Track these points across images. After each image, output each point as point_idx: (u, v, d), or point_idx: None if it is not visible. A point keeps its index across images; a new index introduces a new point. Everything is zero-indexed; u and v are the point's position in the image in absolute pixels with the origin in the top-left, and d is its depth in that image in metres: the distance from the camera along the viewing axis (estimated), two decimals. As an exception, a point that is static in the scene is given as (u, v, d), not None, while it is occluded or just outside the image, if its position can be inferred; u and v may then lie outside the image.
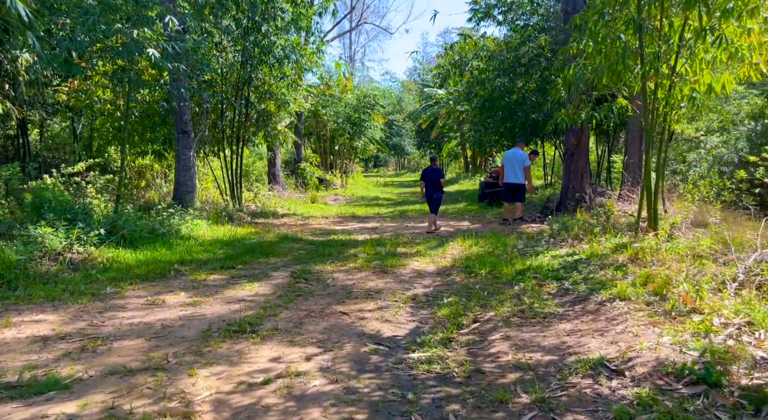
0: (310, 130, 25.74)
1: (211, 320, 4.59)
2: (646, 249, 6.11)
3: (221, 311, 4.89)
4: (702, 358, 3.26)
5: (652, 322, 4.01)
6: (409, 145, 45.12)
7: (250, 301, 5.28)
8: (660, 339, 3.65)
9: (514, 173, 10.98)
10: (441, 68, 19.20)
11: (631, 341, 3.74)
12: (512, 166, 11.00)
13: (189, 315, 4.75)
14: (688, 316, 4.00)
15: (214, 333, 4.24)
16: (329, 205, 17.09)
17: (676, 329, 3.79)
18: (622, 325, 4.09)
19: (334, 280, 6.22)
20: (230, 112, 13.28)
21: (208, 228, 9.84)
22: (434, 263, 7.18)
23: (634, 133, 12.41)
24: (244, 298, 5.36)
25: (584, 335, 4.03)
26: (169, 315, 4.74)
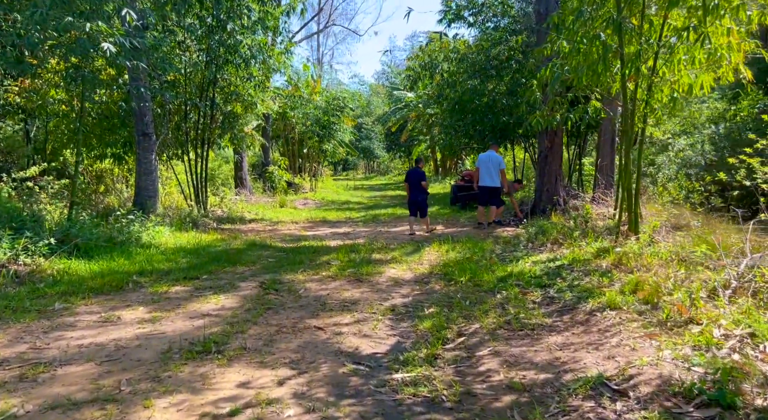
0: (279, 133, 25.22)
1: (172, 339, 4.16)
2: (629, 254, 5.95)
3: (183, 328, 4.47)
4: (708, 374, 3.03)
5: (648, 334, 3.79)
6: (379, 149, 44.88)
7: (216, 315, 4.87)
8: (660, 353, 3.42)
9: (489, 176, 10.81)
10: (411, 70, 18.97)
11: (629, 356, 3.49)
12: (488, 168, 10.83)
13: (147, 333, 4.31)
14: (685, 327, 3.78)
15: (174, 354, 3.82)
16: (299, 209, 16.64)
17: (674, 342, 3.57)
18: (617, 338, 3.85)
19: (306, 290, 5.85)
20: (194, 114, 12.74)
21: (171, 235, 9.32)
22: (411, 270, 6.88)
23: (606, 135, 12.41)
24: (209, 313, 4.94)
25: (578, 349, 3.77)
26: (125, 334, 4.30)
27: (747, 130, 18.17)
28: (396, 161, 45.18)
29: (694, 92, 6.23)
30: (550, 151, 11.47)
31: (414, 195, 10.34)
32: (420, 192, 10.31)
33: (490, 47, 15.33)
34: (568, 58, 7.38)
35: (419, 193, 10.31)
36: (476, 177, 11.12)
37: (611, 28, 6.32)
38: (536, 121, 9.31)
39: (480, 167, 10.98)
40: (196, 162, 12.87)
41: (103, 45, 6.38)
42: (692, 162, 15.82)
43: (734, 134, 17.96)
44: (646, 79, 6.31)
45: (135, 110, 10.31)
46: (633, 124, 6.58)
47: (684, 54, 6.22)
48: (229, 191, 17.08)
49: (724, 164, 17.40)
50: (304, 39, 37.65)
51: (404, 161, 41.91)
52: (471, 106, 17.13)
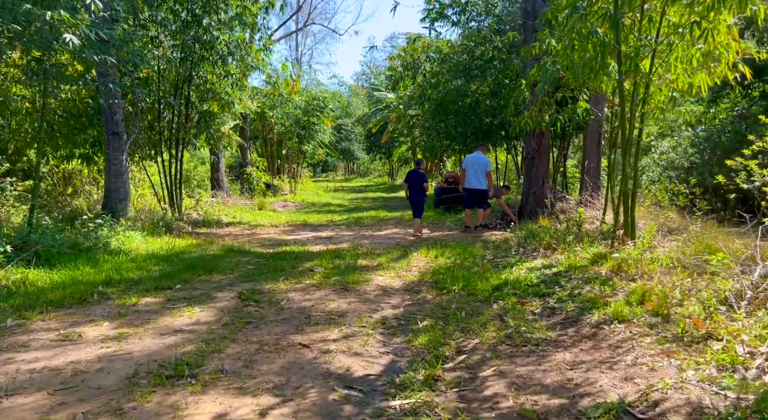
0: (257, 134, 24.64)
1: (139, 360, 3.72)
2: (628, 260, 5.67)
3: (153, 347, 4.02)
4: (742, 400, 2.73)
5: (665, 352, 3.48)
6: (359, 150, 44.43)
7: (190, 331, 4.42)
8: (683, 374, 3.11)
9: (477, 178, 10.53)
10: (393, 70, 18.63)
11: (648, 377, 3.18)
12: (475, 171, 10.54)
13: (111, 354, 3.86)
14: (704, 343, 3.49)
15: (141, 380, 3.38)
16: (278, 212, 16.15)
17: (696, 361, 3.26)
18: (631, 355, 3.53)
19: (289, 301, 5.43)
20: (169, 113, 12.18)
21: (142, 240, 8.79)
22: (400, 277, 6.51)
23: (592, 137, 12.22)
24: (181, 328, 4.50)
25: (590, 368, 3.44)
26: (85, 355, 3.83)
27: (726, 132, 18.28)
28: (376, 163, 44.80)
29: (693, 91, 6.00)
30: (537, 152, 11.22)
31: (415, 196, 10.40)
32: (421, 194, 10.40)
33: (474, 47, 15.07)
34: (560, 55, 7.13)
35: (421, 194, 10.40)
36: (462, 179, 10.81)
37: (607, 24, 6.05)
38: (525, 122, 9.06)
39: (467, 169, 10.67)
40: (170, 163, 12.31)
41: (66, 36, 5.87)
42: (675, 164, 15.80)
43: (714, 137, 18.05)
44: (645, 77, 6.05)
45: (104, 108, 9.75)
46: (631, 125, 6.31)
47: (682, 51, 5.99)
48: (205, 193, 16.50)
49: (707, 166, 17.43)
50: (282, 37, 37.09)
51: (384, 163, 41.59)
52: (454, 107, 16.86)
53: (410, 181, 10.55)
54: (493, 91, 15.95)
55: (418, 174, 10.58)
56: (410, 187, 10.48)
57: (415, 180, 10.48)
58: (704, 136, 18.87)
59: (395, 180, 38.08)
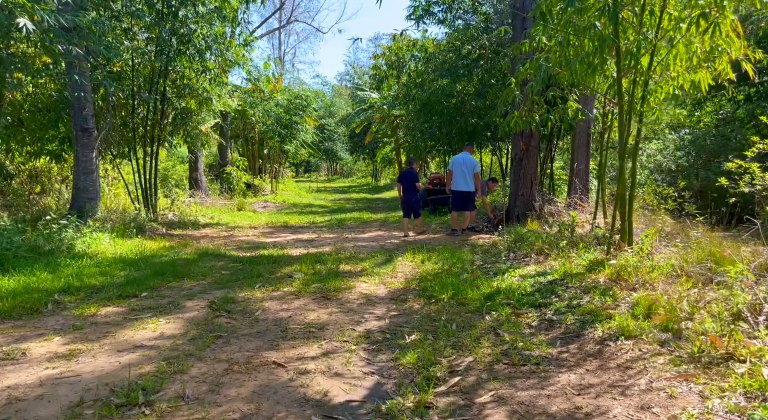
0: (238, 132, 24.06)
1: (88, 385, 3.25)
2: (627, 268, 5.34)
3: (106, 367, 3.56)
4: (780, 435, 2.38)
5: (683, 375, 3.12)
6: (342, 150, 43.96)
7: (151, 347, 3.96)
8: (707, 403, 2.75)
9: (464, 180, 10.18)
10: (378, 69, 18.24)
11: (667, 405, 2.81)
12: (463, 172, 10.19)
13: (56, 376, 3.39)
14: (726, 365, 3.14)
15: (86, 410, 2.92)
16: (258, 213, 15.64)
17: (720, 387, 2.91)
18: (644, 378, 3.17)
19: (264, 311, 4.99)
20: (143, 109, 11.63)
21: (111, 242, 8.26)
22: (384, 285, 6.10)
23: (581, 138, 11.95)
24: (142, 344, 4.04)
25: (600, 394, 3.07)
26: (26, 378, 3.36)
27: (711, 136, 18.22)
28: (359, 163, 44.38)
29: (694, 90, 5.69)
30: (525, 153, 10.90)
31: (408, 196, 10.30)
32: (414, 193, 10.35)
33: (461, 45, 14.75)
34: (553, 52, 6.81)
35: (413, 194, 10.33)
36: (449, 180, 10.44)
37: (606, 17, 5.72)
38: (515, 122, 8.73)
39: (454, 170, 10.32)
40: (145, 161, 11.75)
41: (19, 21, 5.36)
42: (662, 167, 15.66)
43: (700, 140, 17.97)
44: (645, 74, 5.73)
45: (72, 102, 9.18)
46: (629, 124, 5.99)
47: (684, 47, 5.69)
48: (183, 193, 15.93)
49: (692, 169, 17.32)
50: (265, 35, 36.48)
51: (368, 163, 41.19)
52: (439, 108, 16.54)
53: (403, 181, 10.49)
54: (479, 92, 15.66)
55: (411, 173, 10.49)
56: (403, 188, 10.39)
57: (407, 179, 10.40)
58: (689, 139, 18.82)
59: (379, 181, 37.70)
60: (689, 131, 18.54)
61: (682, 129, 19.16)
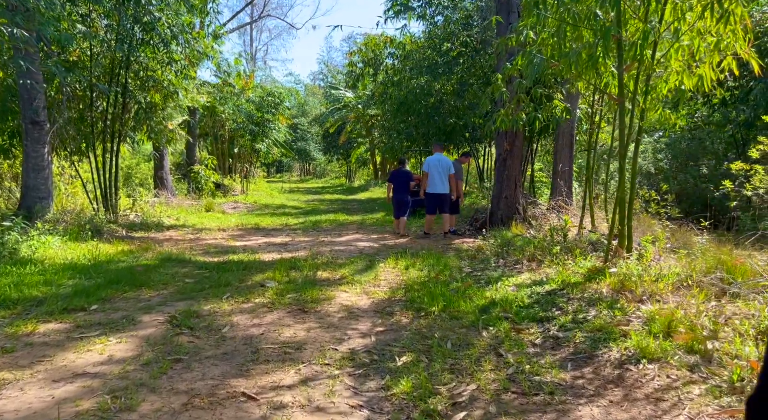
0: (207, 130, 23.15)
1: (11, 429, 2.63)
2: (631, 277, 4.93)
3: (35, 404, 2.92)
4: None
5: (728, 411, 2.67)
6: (315, 150, 43.22)
7: (95, 375, 3.33)
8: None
9: (441, 181, 9.80)
10: (353, 66, 17.67)
11: (721, 450, 2.35)
12: (440, 173, 9.81)
13: (-28, 418, 2.74)
14: (776, 396, 2.70)
15: (1, 467, 2.31)
16: (228, 214, 14.89)
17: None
18: (682, 414, 2.71)
19: (232, 327, 4.39)
20: (103, 102, 10.82)
21: (62, 246, 7.50)
22: (367, 295, 5.55)
23: (564, 138, 11.64)
24: (85, 371, 3.40)
25: (635, 433, 2.59)
26: (-68, 421, 2.71)
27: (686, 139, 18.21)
28: (333, 164, 43.72)
29: (699, 85, 5.33)
30: (509, 154, 10.49)
31: (401, 195, 10.18)
32: (407, 193, 10.24)
33: (440, 41, 14.32)
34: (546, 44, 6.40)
35: (406, 193, 10.22)
36: (425, 182, 9.98)
37: (607, 6, 5.31)
38: (501, 120, 8.32)
39: (430, 172, 9.86)
40: (105, 158, 10.94)
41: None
42: (642, 170, 15.51)
43: (677, 143, 17.94)
44: (649, 68, 5.34)
45: (21, 91, 8.37)
46: (631, 122, 5.59)
47: (688, 39, 5.32)
48: (147, 193, 15.07)
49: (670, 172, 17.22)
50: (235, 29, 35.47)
51: (342, 164, 40.57)
52: (417, 107, 16.08)
53: (395, 181, 10.34)
54: (457, 91, 15.27)
55: (403, 173, 10.44)
56: (395, 187, 10.24)
57: (399, 179, 10.30)
58: (665, 142, 18.80)
59: (353, 182, 37.12)
60: (663, 134, 18.56)
61: (656, 132, 19.17)
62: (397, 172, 10.55)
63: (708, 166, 14.77)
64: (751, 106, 14.02)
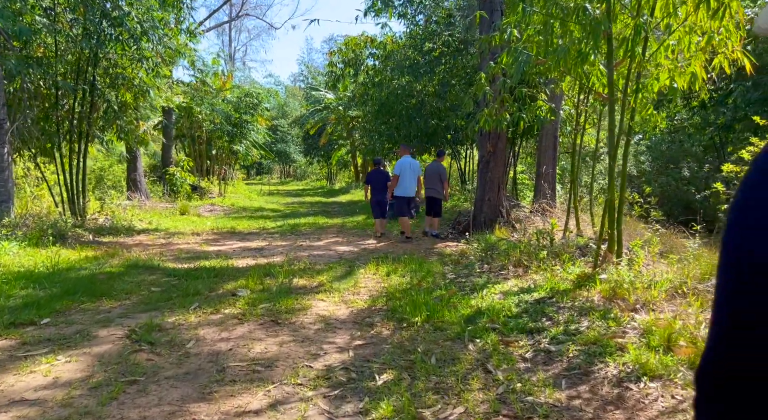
0: (184, 131, 22.56)
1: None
2: (623, 285, 4.68)
3: (-38, 439, 2.54)
4: None
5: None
6: (295, 152, 42.71)
7: (34, 402, 2.95)
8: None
9: (412, 185, 9.76)
10: (334, 66, 17.35)
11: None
12: (411, 176, 9.74)
13: None
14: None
15: None
16: (203, 217, 14.43)
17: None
18: (693, 439, 2.43)
19: (198, 342, 4.03)
20: (69, 100, 10.32)
21: (20, 253, 7.03)
22: (346, 304, 5.22)
23: (548, 140, 11.47)
24: (23, 397, 3.02)
25: (643, 466, 2.31)
26: None
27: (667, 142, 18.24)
28: (314, 166, 43.26)
29: (692, 83, 5.12)
30: (492, 156, 10.26)
31: (380, 196, 10.10)
32: (385, 193, 10.10)
33: (421, 41, 14.07)
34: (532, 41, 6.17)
35: (384, 194, 10.09)
36: (394, 185, 9.80)
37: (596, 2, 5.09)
38: (485, 121, 8.08)
39: (401, 175, 9.68)
40: (71, 159, 10.44)
41: None
42: (626, 172, 15.44)
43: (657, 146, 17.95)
44: (639, 65, 5.12)
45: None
46: (621, 122, 5.36)
47: (679, 36, 5.12)
48: (119, 195, 14.54)
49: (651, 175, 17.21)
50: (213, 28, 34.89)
51: (323, 166, 40.17)
52: (398, 108, 15.83)
53: (373, 182, 10.30)
54: (439, 92, 15.05)
55: (381, 173, 10.43)
56: (373, 188, 10.20)
57: (378, 180, 10.23)
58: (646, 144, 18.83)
59: (334, 184, 36.73)
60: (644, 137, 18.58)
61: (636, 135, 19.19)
62: (374, 173, 10.52)
63: (689, 169, 14.73)
64: (730, 109, 14.02)
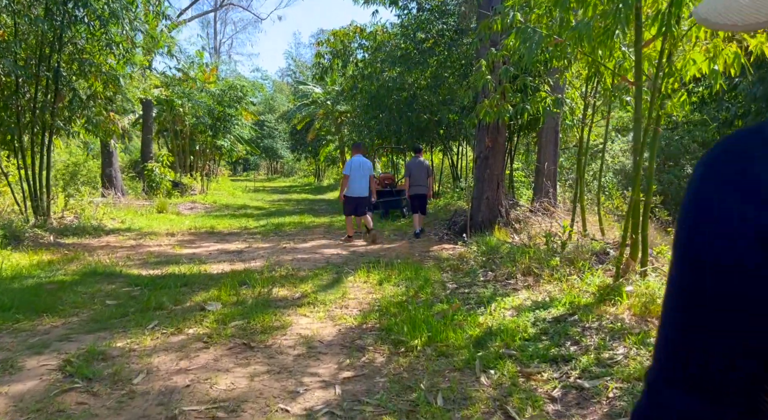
0: (166, 126, 21.62)
1: None
2: (656, 299, 4.00)
3: None
4: None
5: None
6: (283, 148, 41.79)
7: None
8: None
9: (362, 184, 9.15)
10: (321, 57, 16.54)
11: None
12: (361, 176, 9.15)
13: None
14: None
15: None
16: (182, 215, 13.59)
17: None
18: None
19: (149, 375, 3.27)
20: (31, 88, 9.44)
21: (-37, 258, 6.21)
22: (333, 320, 4.48)
23: (549, 135, 10.82)
24: None
25: None
26: None
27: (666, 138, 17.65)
28: (302, 162, 42.35)
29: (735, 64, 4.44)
30: (491, 151, 9.56)
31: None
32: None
33: (414, 30, 13.34)
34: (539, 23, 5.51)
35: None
36: (343, 186, 9.31)
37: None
38: (485, 112, 7.41)
39: (351, 175, 9.12)
40: (34, 153, 9.57)
41: None
42: (627, 169, 14.85)
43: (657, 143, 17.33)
44: (674, 46, 4.43)
45: None
46: (650, 111, 4.67)
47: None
48: (92, 192, 13.65)
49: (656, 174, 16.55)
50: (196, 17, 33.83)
51: (310, 162, 39.33)
52: (389, 102, 15.10)
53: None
54: (431, 86, 14.35)
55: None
56: None
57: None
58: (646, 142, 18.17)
59: (322, 181, 35.93)
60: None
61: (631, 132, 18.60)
62: None
63: (692, 166, 14.13)
64: (735, 104, 13.46)
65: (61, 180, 15.21)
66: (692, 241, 0.55)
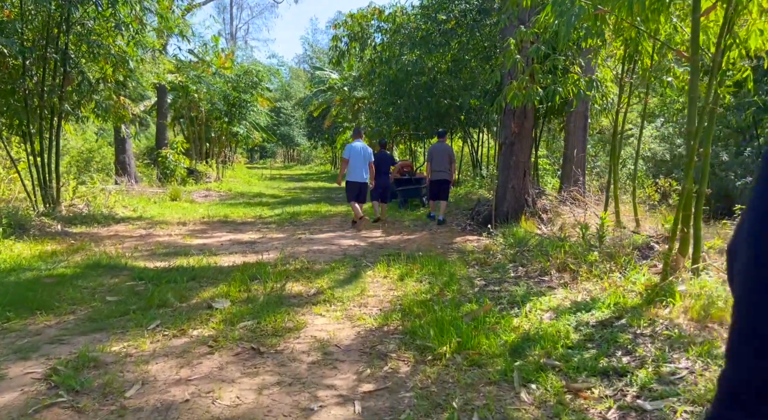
0: (182, 113, 21.34)
1: None
2: (717, 302, 3.52)
3: None
4: None
5: None
6: (299, 136, 41.44)
7: None
8: None
9: (363, 170, 9.04)
10: (338, 40, 16.02)
11: None
12: (362, 162, 9.04)
13: None
14: None
15: None
16: (196, 203, 13.30)
17: None
18: None
19: (145, 386, 2.90)
20: (39, 71, 9.13)
21: (-36, 248, 5.92)
22: (351, 320, 4.08)
23: (578, 121, 10.25)
24: None
25: None
26: None
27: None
28: (318, 150, 42.02)
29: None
30: (517, 137, 9.02)
31: (384, 179, 9.82)
32: (387, 177, 10.02)
33: (435, 11, 12.78)
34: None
35: (387, 177, 10.00)
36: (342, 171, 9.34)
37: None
38: (513, 95, 6.89)
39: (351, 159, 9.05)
40: (42, 139, 9.28)
41: None
42: (657, 156, 14.18)
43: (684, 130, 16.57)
44: (738, 13, 3.89)
45: None
46: (710, 89, 4.15)
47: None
48: (106, 179, 13.42)
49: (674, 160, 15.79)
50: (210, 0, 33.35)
51: (327, 150, 38.94)
52: (407, 87, 14.58)
53: (375, 164, 9.55)
54: (452, 69, 13.79)
55: (385, 156, 10.23)
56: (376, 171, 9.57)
57: (382, 162, 9.84)
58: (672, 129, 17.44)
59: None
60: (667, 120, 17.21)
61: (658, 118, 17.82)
62: (378, 156, 9.81)
63: (728, 153, 13.40)
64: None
65: (75, 166, 15.03)
66: None
